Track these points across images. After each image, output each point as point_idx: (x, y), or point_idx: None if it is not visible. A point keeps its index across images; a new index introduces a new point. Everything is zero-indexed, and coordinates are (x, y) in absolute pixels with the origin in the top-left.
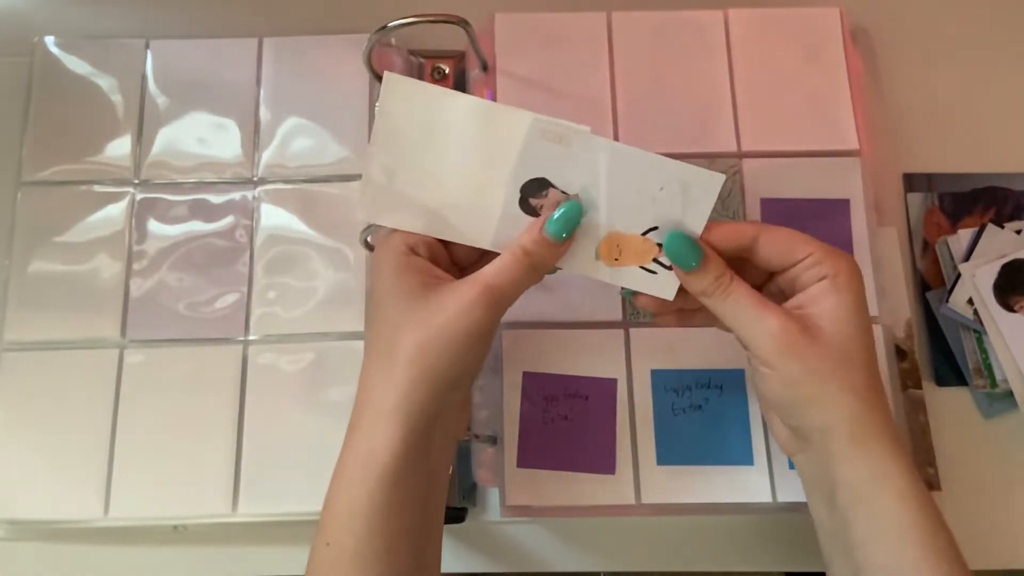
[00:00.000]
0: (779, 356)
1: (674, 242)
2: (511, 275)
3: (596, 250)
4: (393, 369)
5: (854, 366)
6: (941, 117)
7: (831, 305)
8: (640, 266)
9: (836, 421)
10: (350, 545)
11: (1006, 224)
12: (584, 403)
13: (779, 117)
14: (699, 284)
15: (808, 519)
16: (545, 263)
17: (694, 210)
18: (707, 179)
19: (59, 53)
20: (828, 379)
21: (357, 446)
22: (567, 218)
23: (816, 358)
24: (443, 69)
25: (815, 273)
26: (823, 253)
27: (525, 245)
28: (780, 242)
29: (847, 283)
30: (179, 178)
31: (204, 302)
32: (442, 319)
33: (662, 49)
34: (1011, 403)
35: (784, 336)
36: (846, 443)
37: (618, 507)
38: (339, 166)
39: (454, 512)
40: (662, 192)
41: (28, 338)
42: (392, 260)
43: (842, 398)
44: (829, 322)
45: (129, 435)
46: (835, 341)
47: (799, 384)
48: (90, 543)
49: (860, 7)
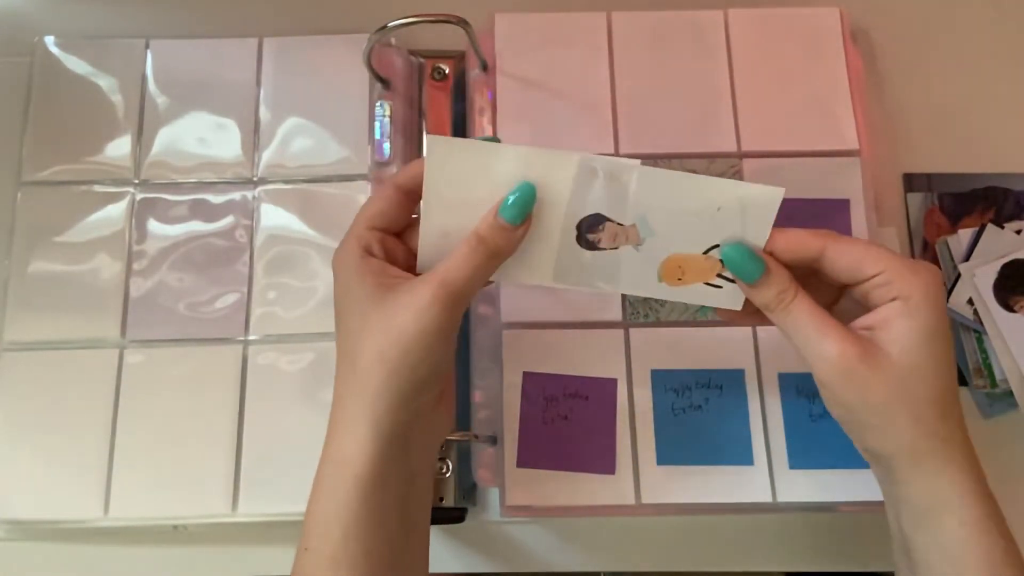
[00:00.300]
0: (835, 383)
1: (733, 255)
2: (467, 267)
3: (658, 273)
4: (357, 377)
5: (919, 397)
6: (941, 117)
7: (902, 330)
8: (705, 282)
9: (896, 449)
10: (327, 551)
11: (1006, 224)
12: (584, 403)
13: (779, 117)
14: (761, 297)
15: (807, 519)
16: (501, 250)
17: (755, 226)
18: (765, 194)
19: (59, 53)
20: (888, 410)
21: (332, 455)
22: (522, 202)
23: (876, 387)
24: (443, 69)
25: (885, 293)
26: (895, 271)
27: (480, 232)
28: (848, 257)
29: (921, 306)
30: (179, 178)
31: (204, 302)
32: (397, 323)
33: (662, 49)
34: (1011, 403)
35: (840, 363)
36: (907, 469)
37: (618, 507)
38: (339, 166)
39: (454, 512)
40: (720, 212)
41: (28, 338)
42: (348, 264)
43: (903, 428)
44: (897, 349)
45: (129, 435)
46: (901, 370)
47: (856, 411)
48: (90, 543)
49: (860, 7)
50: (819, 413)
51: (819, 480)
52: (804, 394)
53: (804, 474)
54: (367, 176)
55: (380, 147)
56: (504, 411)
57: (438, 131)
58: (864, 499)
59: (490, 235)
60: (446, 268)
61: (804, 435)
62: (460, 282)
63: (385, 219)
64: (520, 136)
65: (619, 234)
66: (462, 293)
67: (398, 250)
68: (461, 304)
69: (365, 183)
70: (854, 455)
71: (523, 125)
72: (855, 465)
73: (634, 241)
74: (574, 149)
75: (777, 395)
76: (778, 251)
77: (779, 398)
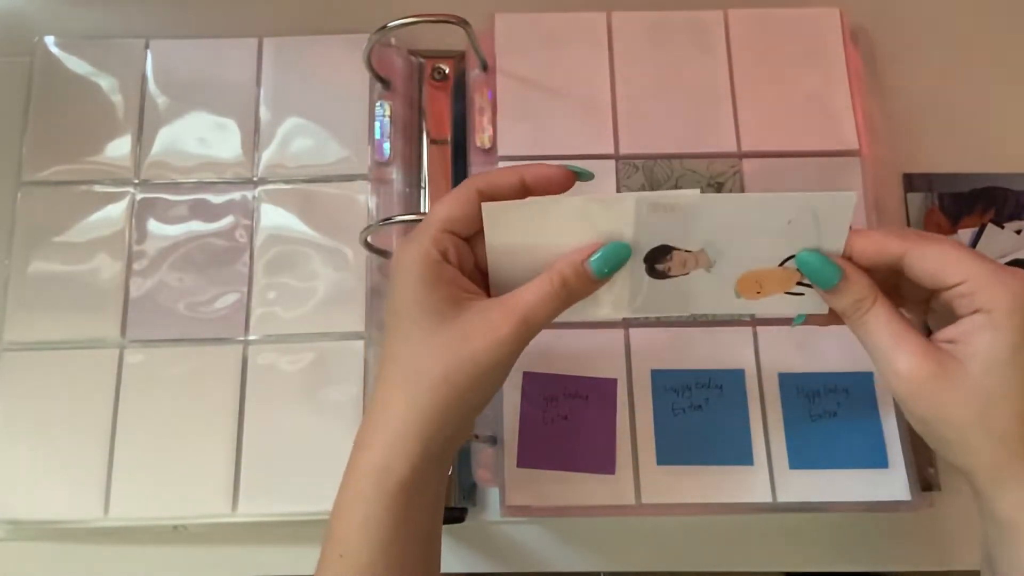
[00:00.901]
0: (907, 399)
1: (809, 260)
2: (547, 307)
3: (735, 290)
4: (417, 393)
5: (1000, 414)
6: (941, 117)
7: (984, 345)
8: (785, 291)
9: (975, 467)
10: (365, 557)
11: (1006, 224)
12: (584, 403)
13: (779, 117)
14: (839, 304)
15: (807, 519)
16: (580, 296)
17: (830, 233)
18: (837, 201)
19: (59, 53)
20: (966, 428)
21: (371, 462)
22: (614, 258)
23: (952, 404)
24: (443, 69)
25: (968, 304)
26: (979, 281)
27: (566, 276)
28: (930, 263)
29: (1005, 320)
30: (179, 178)
31: (204, 302)
32: (471, 349)
33: (662, 49)
34: None
35: (913, 378)
36: (988, 485)
37: (618, 507)
38: (339, 166)
39: (454, 512)
40: (791, 225)
41: (28, 338)
42: (419, 267)
43: (982, 447)
44: (978, 364)
45: (129, 435)
46: (980, 387)
47: (932, 427)
48: (90, 543)
49: (860, 7)
50: (819, 413)
51: (819, 480)
52: (804, 394)
53: (804, 474)
54: (367, 176)
55: (380, 147)
56: (504, 411)
57: (438, 131)
58: (864, 499)
59: (574, 281)
60: (527, 304)
61: (804, 435)
62: (539, 320)
63: (461, 224)
64: (520, 136)
65: (688, 260)
66: (538, 328)
67: (467, 257)
68: (532, 337)
69: (365, 183)
70: (854, 455)
71: (523, 125)
72: (855, 465)
73: (704, 264)
74: (629, 192)
75: (777, 395)
76: (856, 255)
77: (779, 398)
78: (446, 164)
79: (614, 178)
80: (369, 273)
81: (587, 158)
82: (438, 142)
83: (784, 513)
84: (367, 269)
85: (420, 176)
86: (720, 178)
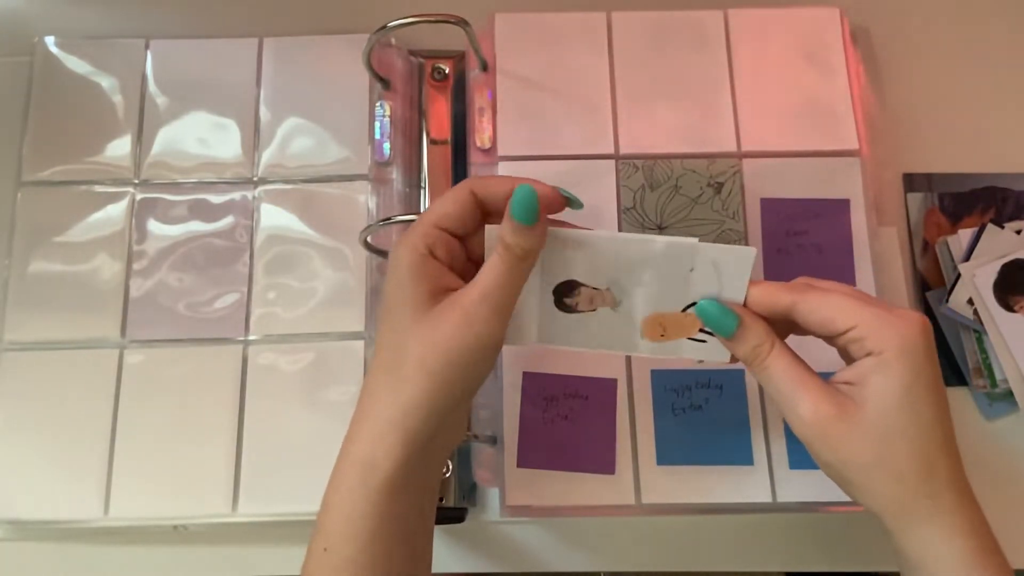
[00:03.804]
0: (811, 442)
1: (706, 310)
2: (501, 275)
3: (639, 331)
4: (398, 383)
5: (899, 455)
6: (941, 117)
7: (877, 387)
8: (689, 337)
9: (880, 508)
10: (348, 552)
11: (1006, 224)
12: (584, 403)
13: (779, 117)
14: (739, 351)
15: (807, 519)
16: (527, 252)
17: (731, 284)
18: (737, 254)
19: (59, 53)
20: (866, 469)
21: (357, 455)
22: (524, 201)
23: (852, 447)
24: (443, 69)
25: (860, 348)
26: (868, 326)
27: (504, 238)
28: (819, 312)
29: (895, 361)
30: (179, 178)
31: (204, 302)
32: (440, 334)
33: (662, 49)
34: (1011, 403)
35: (814, 423)
36: (894, 525)
37: (618, 507)
38: (339, 166)
39: (454, 512)
40: (693, 272)
41: (28, 338)
42: (407, 261)
43: (884, 487)
44: (872, 406)
45: (129, 435)
46: (878, 428)
47: (836, 469)
48: (90, 543)
49: (860, 7)
50: None
51: (819, 480)
52: None
53: (804, 474)
54: (367, 176)
55: (380, 147)
56: (504, 411)
57: (438, 131)
58: None
59: (513, 239)
60: (482, 280)
61: None
62: (497, 291)
63: (453, 222)
64: (520, 136)
65: (595, 297)
66: (502, 301)
67: (458, 254)
68: (503, 313)
69: (365, 183)
70: None
71: (523, 125)
72: None
73: (610, 303)
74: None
75: None
76: (751, 304)
77: None
78: (446, 164)
79: (614, 178)
80: (369, 273)
81: (587, 158)
82: (438, 142)
83: (784, 513)
84: (367, 269)
85: (420, 176)
86: (720, 178)
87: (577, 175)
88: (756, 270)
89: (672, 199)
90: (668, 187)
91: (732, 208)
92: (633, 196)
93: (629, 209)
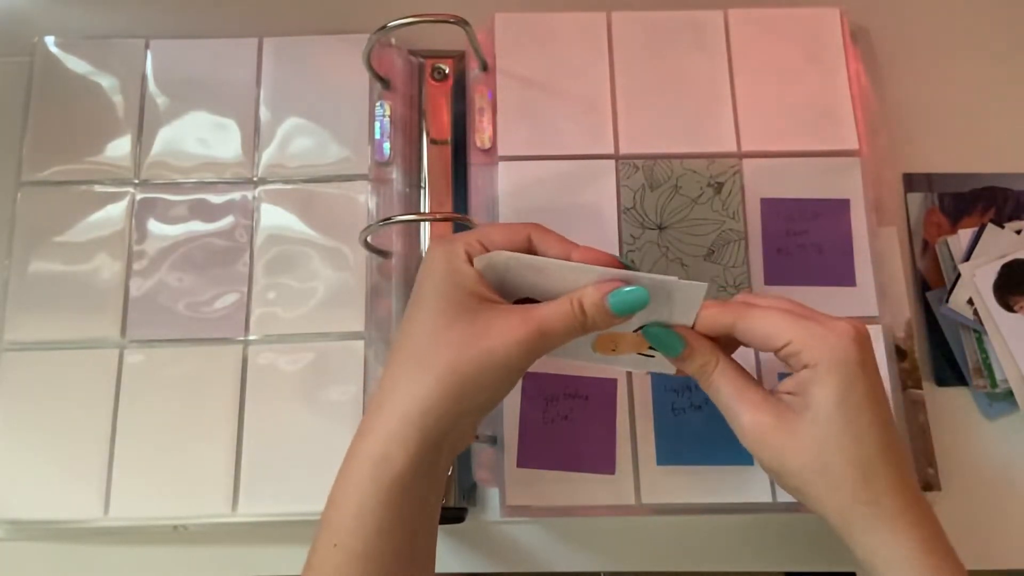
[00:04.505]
0: (754, 450)
1: (654, 334)
2: (563, 325)
3: (592, 345)
4: (423, 378)
5: (835, 461)
6: (941, 117)
7: (814, 397)
8: (639, 352)
9: (824, 513)
10: (358, 548)
11: (1006, 224)
12: (584, 403)
13: (779, 117)
14: (687, 369)
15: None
16: (595, 327)
17: (681, 311)
18: (689, 289)
19: (59, 53)
20: (805, 477)
21: (370, 451)
22: (632, 300)
23: (791, 453)
24: (443, 69)
25: (797, 361)
26: (802, 341)
27: (586, 305)
28: (756, 330)
29: (829, 372)
30: (179, 178)
31: (204, 302)
32: (485, 345)
33: (662, 49)
34: (1011, 403)
35: (754, 432)
36: (840, 530)
37: (618, 507)
38: (339, 166)
39: (454, 512)
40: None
41: (28, 338)
42: (447, 263)
43: (823, 494)
44: (810, 415)
45: (129, 435)
46: (814, 437)
47: (779, 475)
48: (90, 543)
49: (860, 7)
50: None
51: None
52: None
53: None
54: (367, 176)
55: (380, 147)
56: (504, 411)
57: (438, 131)
58: None
59: (592, 312)
60: (546, 317)
61: None
62: (553, 337)
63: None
64: (520, 136)
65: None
66: (551, 344)
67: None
68: (543, 352)
69: (365, 183)
70: None
71: (523, 125)
72: None
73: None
74: None
75: None
76: (698, 326)
77: None
78: (446, 164)
79: (614, 178)
80: (369, 273)
81: (587, 158)
82: (438, 142)
83: (784, 513)
84: (367, 269)
85: (420, 176)
86: (720, 178)
87: (577, 175)
88: (757, 271)
89: (672, 199)
90: (668, 187)
91: (732, 208)
92: (633, 196)
93: (629, 209)
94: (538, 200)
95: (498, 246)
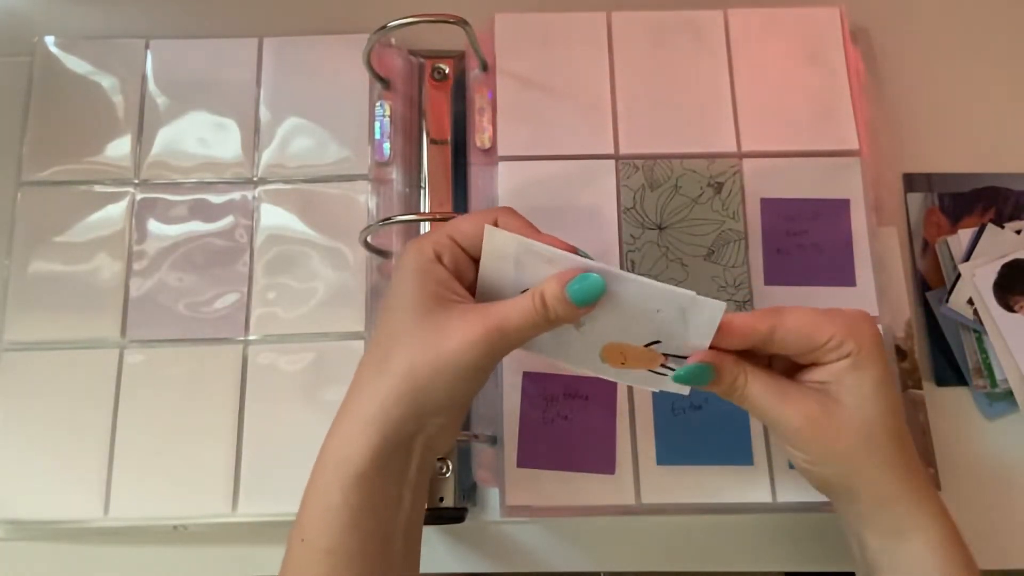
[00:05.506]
0: (805, 444)
1: (684, 376)
2: (524, 321)
3: (599, 355)
4: (381, 379)
5: (879, 441)
6: (941, 117)
7: (854, 382)
8: (650, 369)
9: (860, 490)
10: (324, 543)
11: (1006, 224)
12: (584, 403)
13: (779, 117)
14: (719, 391)
15: (807, 519)
16: (560, 321)
17: (696, 331)
18: (707, 307)
19: (59, 53)
20: (852, 457)
21: (336, 450)
22: (588, 289)
23: (839, 438)
24: (443, 69)
25: (838, 352)
26: (845, 331)
27: (546, 298)
28: (798, 330)
29: (870, 357)
30: (179, 178)
31: (204, 302)
32: (441, 346)
33: (662, 49)
34: (1011, 403)
35: (808, 426)
36: (872, 507)
37: (618, 507)
38: (339, 166)
39: (454, 512)
40: (659, 313)
41: (28, 338)
42: (414, 263)
43: (867, 473)
44: (852, 399)
45: (129, 435)
46: (858, 419)
47: (824, 462)
48: (90, 543)
49: (860, 7)
50: None
51: None
52: None
53: None
54: (367, 176)
55: (380, 147)
56: (504, 411)
57: (438, 131)
58: None
59: (553, 305)
60: (505, 315)
61: None
62: (513, 333)
63: (468, 240)
64: (520, 136)
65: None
66: (511, 341)
67: (467, 271)
68: (506, 349)
69: (365, 183)
70: None
71: (523, 125)
72: None
73: (575, 323)
74: None
75: None
76: (726, 344)
77: None
78: (446, 164)
79: (614, 178)
80: (369, 273)
81: (587, 158)
82: (438, 142)
83: (784, 513)
84: (367, 269)
85: (420, 176)
86: (720, 178)
87: (577, 175)
88: (757, 271)
89: (672, 199)
90: (668, 187)
91: (732, 208)
92: (633, 196)
93: (629, 209)
94: (538, 200)
95: (468, 236)
